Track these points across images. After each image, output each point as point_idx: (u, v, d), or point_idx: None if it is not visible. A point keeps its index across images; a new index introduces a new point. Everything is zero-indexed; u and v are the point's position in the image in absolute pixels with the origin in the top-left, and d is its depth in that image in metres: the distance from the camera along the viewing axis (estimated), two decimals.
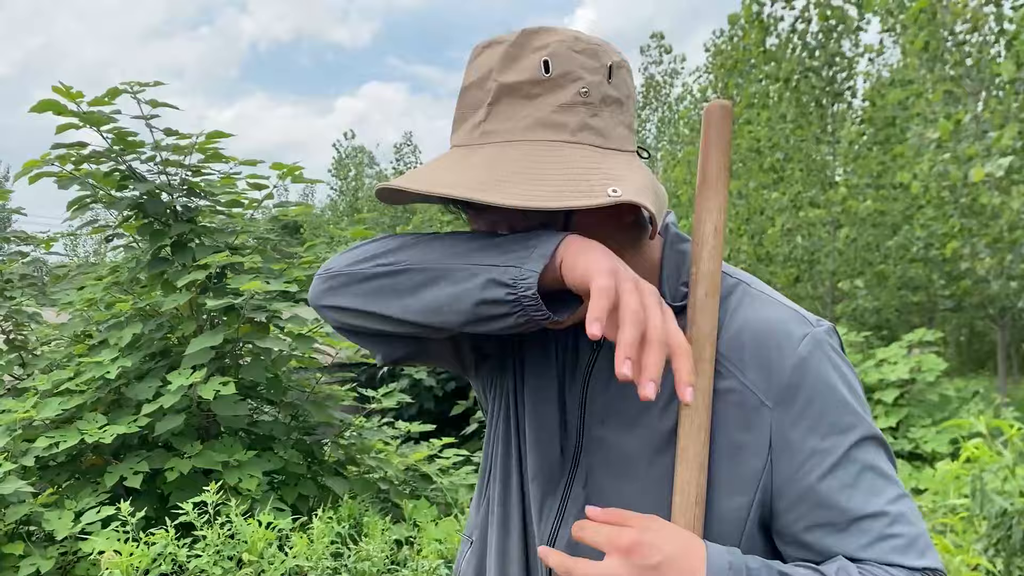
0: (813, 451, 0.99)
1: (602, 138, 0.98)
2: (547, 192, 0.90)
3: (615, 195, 0.89)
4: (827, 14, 11.25)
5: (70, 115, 4.45)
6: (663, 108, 27.39)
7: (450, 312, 0.98)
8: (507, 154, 0.95)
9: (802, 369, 1.00)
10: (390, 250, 1.06)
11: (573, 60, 0.97)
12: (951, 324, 16.93)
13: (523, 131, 0.96)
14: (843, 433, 0.99)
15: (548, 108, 0.96)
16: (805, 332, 1.02)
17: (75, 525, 3.84)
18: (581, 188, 0.91)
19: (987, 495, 3.28)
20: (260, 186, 5.27)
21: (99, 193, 4.79)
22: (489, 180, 0.93)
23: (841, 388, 1.01)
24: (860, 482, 0.98)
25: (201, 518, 3.76)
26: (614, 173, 0.93)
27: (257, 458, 4.65)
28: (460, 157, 0.99)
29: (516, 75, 0.97)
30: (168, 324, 4.87)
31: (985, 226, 8.76)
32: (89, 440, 4.12)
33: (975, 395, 8.23)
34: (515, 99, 0.97)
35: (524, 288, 0.91)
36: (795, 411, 0.99)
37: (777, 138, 11.84)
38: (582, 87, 0.96)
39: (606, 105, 0.99)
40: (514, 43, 0.98)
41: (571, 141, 0.96)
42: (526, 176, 0.92)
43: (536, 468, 1.13)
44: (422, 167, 1.06)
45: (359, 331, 1.11)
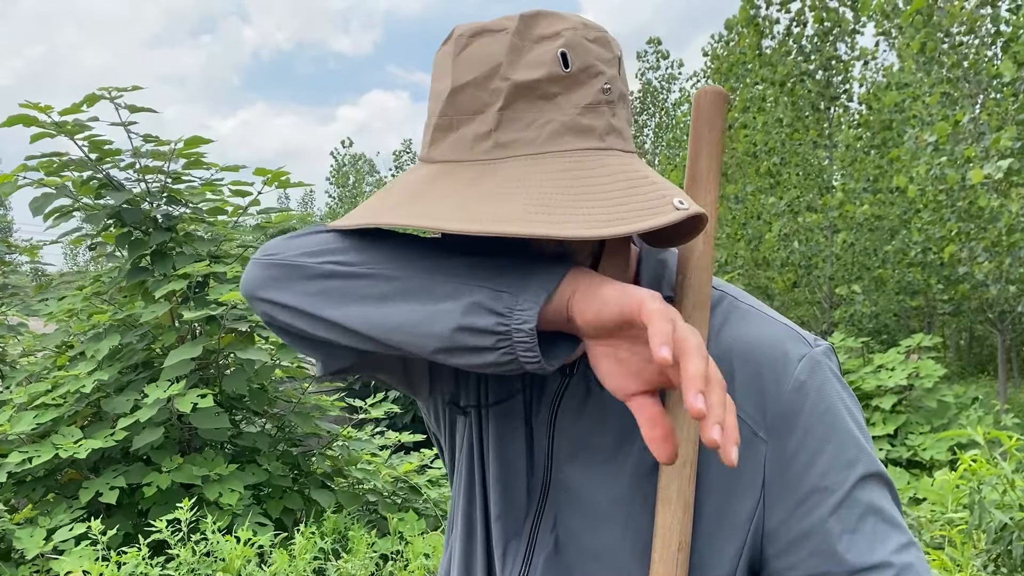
0: (812, 490, 0.86)
1: (623, 140, 0.85)
2: (609, 213, 0.75)
3: (683, 208, 0.76)
4: (823, 17, 11.17)
5: (42, 126, 4.36)
6: (660, 114, 27.33)
7: (417, 334, 0.81)
8: (538, 171, 0.79)
9: (800, 396, 0.87)
10: (353, 246, 0.89)
11: (590, 52, 0.83)
12: (951, 328, 16.82)
13: (548, 140, 0.81)
14: (845, 469, 0.86)
15: (572, 110, 0.81)
16: (802, 353, 0.90)
17: (47, 543, 3.74)
18: (640, 204, 0.76)
19: (985, 509, 3.17)
20: (243, 193, 5.17)
21: (78, 202, 4.70)
22: (533, 206, 0.75)
23: (843, 417, 0.88)
24: (863, 527, 0.85)
25: (176, 535, 3.65)
26: (660, 180, 0.81)
27: (240, 471, 4.55)
28: (471, 178, 0.81)
29: (531, 72, 0.81)
30: (151, 335, 4.78)
31: (983, 229, 8.67)
32: (64, 455, 4.02)
33: (974, 401, 8.12)
34: (531, 100, 0.81)
35: (520, 321, 0.76)
36: (792, 444, 0.87)
37: (773, 142, 11.75)
38: (604, 83, 0.83)
39: (622, 101, 0.86)
40: (517, 31, 0.82)
41: (601, 147, 0.82)
42: (575, 195, 0.77)
43: (500, 508, 1.00)
44: (400, 190, 0.87)
45: (297, 334, 0.94)
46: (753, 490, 0.88)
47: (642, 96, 27.41)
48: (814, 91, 11.20)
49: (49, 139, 4.49)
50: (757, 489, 0.88)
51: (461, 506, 1.07)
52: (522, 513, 0.99)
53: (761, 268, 11.95)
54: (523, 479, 0.99)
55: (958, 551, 3.48)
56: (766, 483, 0.88)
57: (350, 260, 0.87)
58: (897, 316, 13.62)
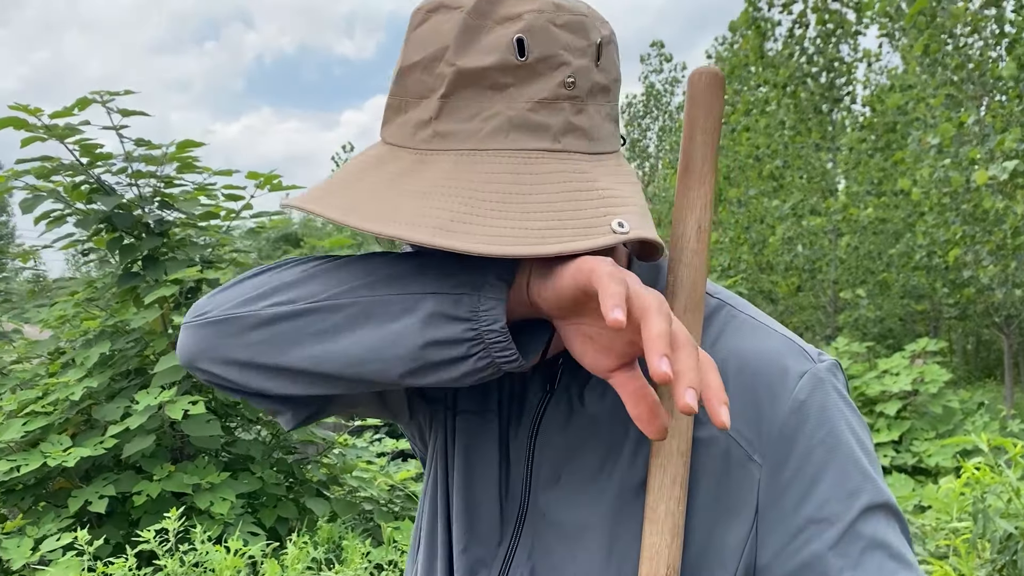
0: (809, 520, 0.78)
1: (588, 141, 0.76)
2: (534, 229, 0.68)
3: (621, 231, 0.69)
4: (824, 18, 11.11)
5: (32, 129, 4.32)
6: (664, 117, 27.29)
7: (381, 361, 0.74)
8: (473, 170, 0.72)
9: (799, 417, 0.79)
10: (289, 283, 0.80)
11: (555, 39, 0.73)
12: (957, 333, 16.68)
13: (491, 135, 0.73)
14: (847, 499, 0.78)
15: (523, 104, 0.73)
16: (804, 369, 0.82)
17: (34, 554, 3.68)
18: (577, 221, 0.69)
19: (990, 518, 3.10)
20: (236, 197, 5.13)
21: (70, 207, 4.65)
22: (458, 213, 0.69)
23: (847, 441, 0.80)
24: (866, 563, 0.76)
25: (164, 545, 3.59)
26: (612, 193, 0.73)
27: (233, 480, 4.49)
28: (405, 168, 0.75)
29: (479, 58, 0.73)
30: (143, 341, 4.73)
31: (988, 232, 8.59)
32: (52, 463, 3.96)
33: (980, 406, 8.03)
34: (479, 90, 0.73)
35: (488, 321, 0.71)
36: (789, 469, 0.79)
37: (776, 145, 11.69)
38: (568, 76, 0.73)
39: (592, 96, 0.76)
40: (474, 9, 0.73)
41: (553, 149, 0.73)
42: (507, 205, 0.70)
43: (468, 538, 0.92)
44: (348, 170, 0.80)
45: (253, 392, 0.85)
46: (746, 516, 0.80)
47: (645, 99, 27.38)
48: (817, 93, 11.15)
49: (40, 143, 4.45)
50: (750, 516, 0.80)
51: (425, 531, 1.00)
52: (494, 541, 0.91)
53: (765, 272, 11.87)
54: (495, 506, 0.92)
55: (963, 561, 3.40)
56: (759, 510, 0.80)
57: (291, 297, 0.79)
58: (903, 320, 13.54)
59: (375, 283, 0.77)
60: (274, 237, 20.50)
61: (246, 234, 5.61)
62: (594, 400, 0.87)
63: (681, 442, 0.79)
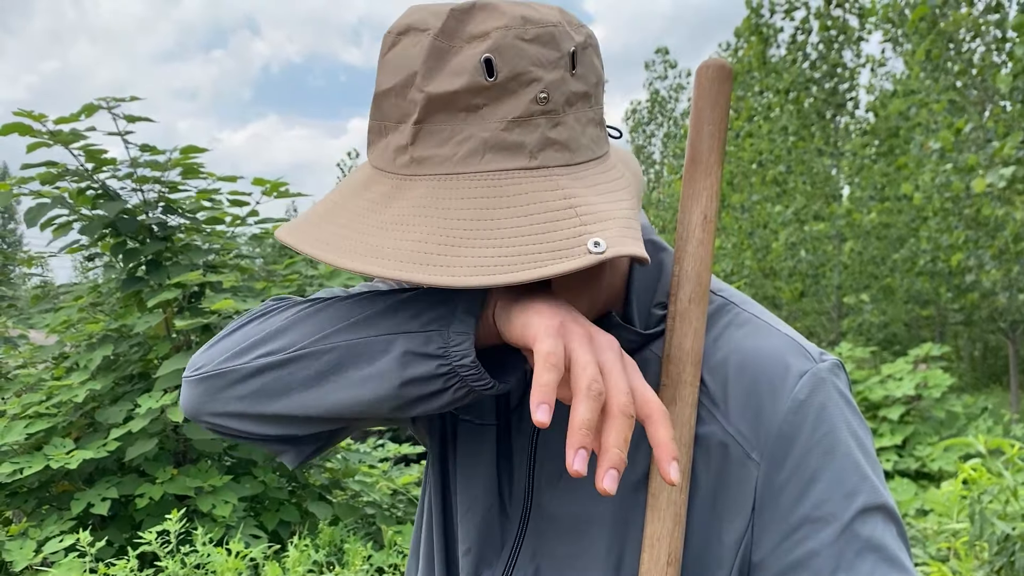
0: (804, 520, 0.78)
1: (568, 152, 0.74)
2: (508, 256, 0.68)
3: (598, 251, 0.67)
4: (827, 24, 11.12)
5: (38, 135, 4.35)
6: (668, 123, 27.32)
7: (368, 403, 0.78)
8: (449, 196, 0.72)
9: (798, 416, 0.79)
10: (273, 332, 0.84)
11: (524, 54, 0.72)
12: (964, 339, 16.61)
13: (465, 159, 0.72)
14: (843, 500, 0.78)
15: (496, 124, 0.72)
16: (804, 369, 0.81)
17: (36, 555, 3.70)
18: (552, 244, 0.68)
19: (987, 519, 3.10)
20: (240, 203, 5.17)
21: (75, 213, 4.69)
22: (432, 244, 0.69)
23: (846, 442, 0.80)
24: (859, 565, 0.76)
25: (167, 547, 3.61)
26: (590, 209, 0.71)
27: (234, 483, 4.51)
28: (386, 194, 0.76)
29: (449, 82, 0.72)
30: (146, 345, 4.76)
31: (991, 237, 8.58)
32: (55, 466, 3.99)
33: (984, 411, 8.01)
34: (452, 113, 0.72)
35: (459, 356, 0.73)
36: (786, 469, 0.79)
37: (779, 150, 11.70)
38: (540, 92, 0.72)
39: (570, 106, 0.75)
40: (442, 31, 0.72)
41: (530, 167, 0.72)
42: (480, 232, 0.69)
43: (471, 540, 0.93)
44: (333, 197, 0.81)
45: (255, 437, 0.88)
46: (743, 514, 0.81)
47: (650, 106, 27.42)
48: (819, 99, 11.15)
49: (46, 148, 4.48)
50: (747, 514, 0.81)
51: (425, 533, 1.02)
52: (497, 542, 0.93)
53: (768, 278, 11.86)
54: (497, 507, 0.93)
55: (962, 563, 3.40)
56: (756, 508, 0.80)
57: (276, 347, 0.83)
58: (908, 326, 13.50)
59: (353, 325, 0.80)
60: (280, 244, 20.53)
61: (251, 240, 5.64)
62: None
63: (684, 432, 0.80)
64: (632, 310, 0.87)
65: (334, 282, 4.96)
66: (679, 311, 0.84)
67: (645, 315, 0.88)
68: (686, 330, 0.83)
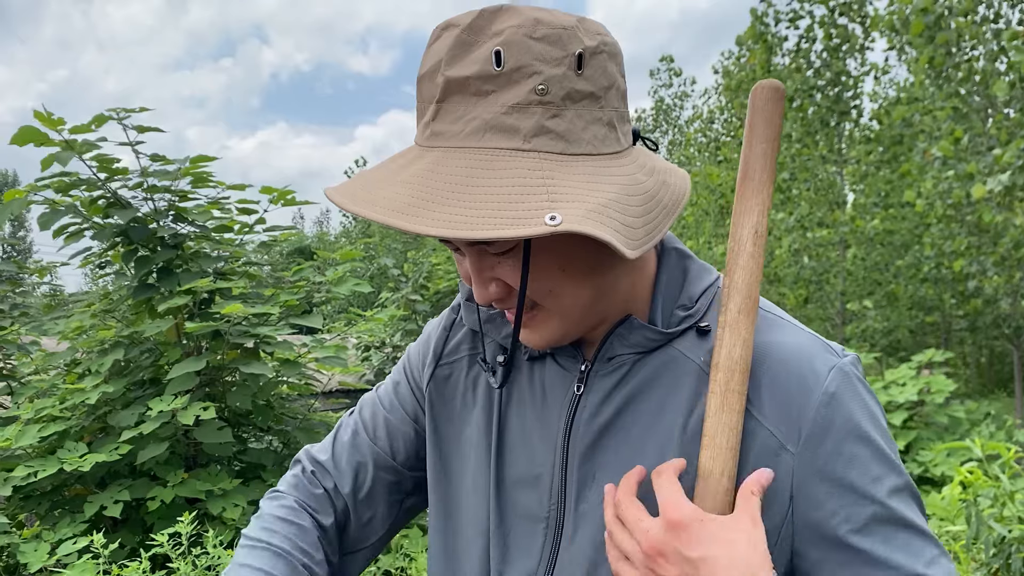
0: (840, 505, 0.85)
1: (564, 143, 0.81)
2: (474, 217, 0.75)
3: (552, 224, 0.72)
4: (831, 33, 11.17)
5: (52, 145, 4.43)
6: (673, 131, 27.37)
7: None
8: (447, 164, 0.80)
9: (830, 409, 0.86)
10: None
11: (529, 50, 0.80)
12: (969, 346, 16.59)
13: (470, 135, 0.81)
14: (874, 483, 0.86)
15: (498, 108, 0.80)
16: (832, 364, 0.89)
17: (50, 557, 3.77)
18: (516, 213, 0.74)
19: (983, 522, 3.15)
20: (249, 211, 5.24)
21: (88, 221, 4.77)
22: (417, 199, 0.77)
23: (872, 431, 0.87)
24: (894, 540, 0.85)
25: (177, 549, 3.67)
26: (564, 191, 0.77)
27: (244, 486, 4.57)
28: (407, 162, 0.85)
29: (465, 68, 0.81)
30: (157, 351, 4.83)
31: (993, 244, 8.61)
32: (68, 469, 4.06)
33: (987, 416, 8.03)
34: (465, 96, 0.81)
35: None
36: (821, 458, 0.86)
37: (782, 157, 11.75)
38: (539, 84, 0.79)
39: (573, 102, 0.81)
40: (469, 27, 0.82)
41: (523, 149, 0.79)
42: (458, 195, 0.77)
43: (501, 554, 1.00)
44: (375, 168, 0.90)
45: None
46: (781, 503, 0.87)
47: (655, 113, 27.48)
48: (823, 106, 11.19)
49: (60, 163, 4.56)
50: (785, 502, 0.87)
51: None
52: (535, 550, 0.98)
53: (772, 284, 11.91)
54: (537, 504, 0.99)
55: (960, 566, 3.45)
56: (794, 496, 0.87)
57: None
58: (913, 333, 13.51)
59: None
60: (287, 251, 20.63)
61: (259, 247, 5.72)
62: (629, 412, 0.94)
63: (731, 438, 0.85)
64: (657, 312, 0.94)
65: (341, 288, 5.04)
66: (728, 321, 0.88)
67: (668, 314, 0.94)
68: (735, 340, 0.87)
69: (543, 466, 0.97)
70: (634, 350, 0.94)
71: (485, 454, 1.03)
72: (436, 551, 1.11)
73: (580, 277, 0.88)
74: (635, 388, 0.93)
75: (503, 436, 1.02)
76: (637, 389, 0.93)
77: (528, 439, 0.99)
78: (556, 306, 0.90)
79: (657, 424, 0.91)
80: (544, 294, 0.89)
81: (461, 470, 1.07)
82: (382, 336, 11.15)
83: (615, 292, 0.93)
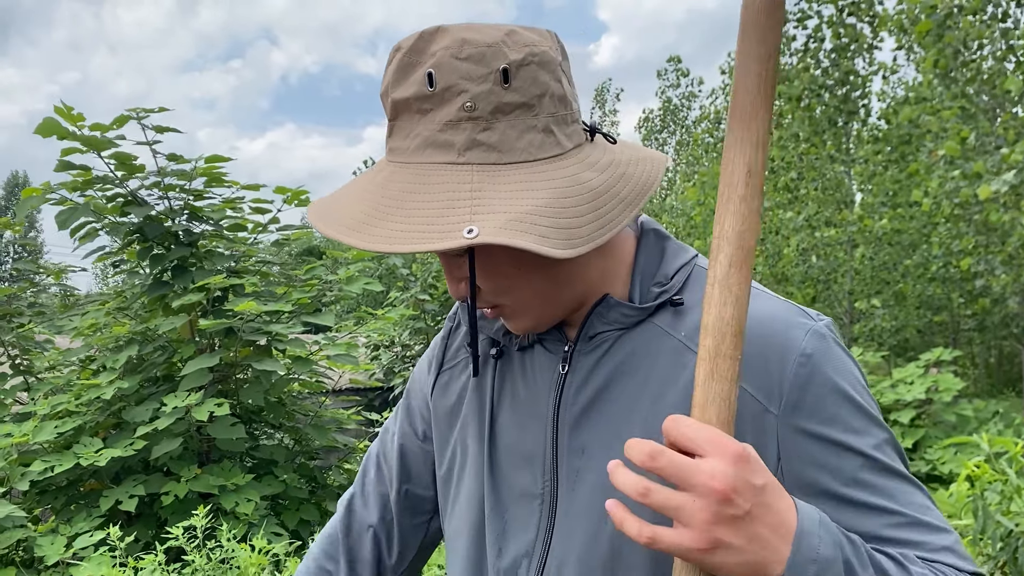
0: (826, 460, 0.89)
1: (497, 153, 0.85)
2: (407, 232, 0.81)
3: (469, 236, 0.78)
4: (840, 32, 11.15)
5: (73, 139, 4.50)
6: (681, 131, 27.35)
7: None
8: (395, 179, 0.87)
9: (808, 369, 0.89)
10: None
11: (456, 70, 0.85)
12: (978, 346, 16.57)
13: (414, 151, 0.87)
14: (857, 437, 0.89)
15: (435, 126, 0.86)
16: (807, 328, 0.92)
17: (67, 551, 3.83)
18: (440, 227, 0.80)
19: (990, 516, 3.17)
20: (262, 210, 5.30)
21: (104, 220, 4.83)
22: (366, 216, 0.85)
23: (851, 388, 0.91)
24: (883, 490, 0.89)
25: (192, 542, 3.73)
26: (489, 202, 0.82)
27: (256, 482, 4.63)
28: (373, 175, 0.91)
29: (406, 90, 0.87)
30: (171, 348, 4.89)
31: (1001, 242, 8.61)
32: (84, 464, 4.11)
33: (995, 415, 8.04)
34: (411, 114, 0.88)
35: None
36: (803, 416, 0.89)
37: (790, 156, 11.75)
38: (466, 101, 0.84)
39: (503, 114, 0.86)
40: (410, 49, 0.88)
41: (457, 162, 0.85)
42: (399, 210, 0.84)
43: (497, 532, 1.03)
44: (353, 181, 0.96)
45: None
46: (770, 465, 0.88)
47: (662, 114, 27.45)
48: (831, 106, 11.19)
49: (79, 155, 4.63)
50: (774, 463, 0.89)
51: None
52: (531, 530, 1.01)
53: (780, 283, 11.93)
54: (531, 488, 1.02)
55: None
56: (781, 456, 0.89)
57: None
58: (921, 332, 13.50)
59: None
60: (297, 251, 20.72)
61: (272, 246, 5.79)
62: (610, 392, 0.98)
63: (723, 410, 0.76)
64: (635, 290, 0.98)
65: (353, 286, 5.09)
66: (718, 277, 0.77)
67: (645, 291, 0.98)
68: (726, 298, 0.76)
69: (535, 445, 1.01)
70: (613, 327, 0.98)
71: (480, 441, 1.07)
72: (449, 547, 1.15)
73: (534, 273, 0.93)
74: (617, 364, 0.97)
75: (497, 422, 1.06)
76: (619, 364, 0.97)
77: (521, 422, 1.03)
78: (517, 300, 0.95)
79: (641, 397, 0.95)
80: (503, 291, 0.94)
81: (462, 465, 1.11)
82: (391, 335, 11.21)
83: (582, 279, 0.97)
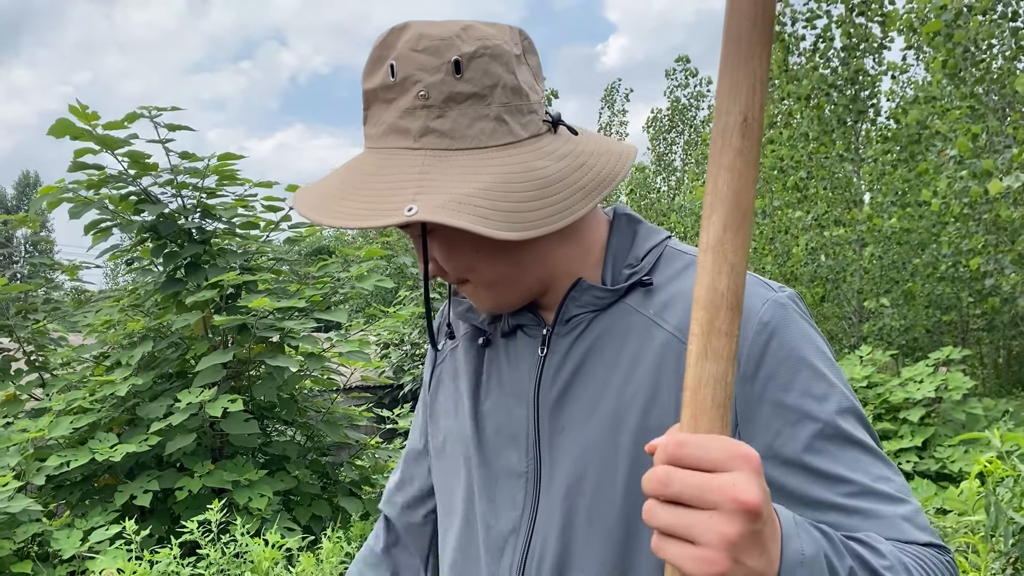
0: (783, 425, 0.88)
1: (449, 139, 0.91)
2: (359, 209, 0.87)
3: (409, 214, 0.83)
4: (850, 32, 11.14)
5: (87, 139, 4.53)
6: (689, 131, 27.31)
7: None
8: (362, 162, 0.94)
9: (765, 335, 0.91)
10: None
11: (412, 62, 0.92)
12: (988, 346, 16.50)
13: (380, 137, 0.94)
14: (818, 403, 0.89)
15: (396, 114, 0.92)
16: (766, 298, 0.93)
17: (83, 544, 3.86)
18: (386, 205, 0.86)
19: (1002, 511, 3.18)
20: (274, 208, 5.33)
21: (118, 218, 4.87)
22: (334, 196, 0.91)
23: (811, 356, 0.91)
24: (841, 456, 0.87)
25: (207, 536, 3.76)
26: (432, 184, 0.87)
27: (269, 478, 4.66)
28: (348, 163, 0.98)
29: (374, 81, 0.94)
30: (184, 344, 4.92)
31: (1011, 242, 8.59)
32: (99, 459, 4.15)
33: (1005, 414, 8.02)
34: (379, 103, 0.94)
35: None
36: (760, 383, 0.90)
37: (799, 156, 11.73)
38: (420, 90, 0.91)
39: (456, 103, 0.91)
40: (381, 44, 0.95)
41: (412, 147, 0.91)
42: (359, 190, 0.90)
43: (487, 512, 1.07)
44: (343, 167, 1.02)
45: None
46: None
47: (671, 114, 27.42)
48: (841, 105, 11.17)
49: (92, 155, 4.66)
50: (732, 431, 0.89)
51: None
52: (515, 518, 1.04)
53: (789, 282, 11.91)
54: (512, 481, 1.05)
55: (980, 558, 3.48)
56: (739, 423, 0.91)
57: None
58: (930, 332, 13.46)
59: None
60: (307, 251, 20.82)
61: (284, 243, 5.83)
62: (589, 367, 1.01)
63: (718, 392, 0.65)
64: (607, 273, 1.02)
65: (365, 284, 5.11)
66: (711, 243, 0.66)
67: (616, 273, 1.02)
68: (720, 266, 0.65)
69: (520, 426, 1.04)
70: (587, 309, 1.01)
71: (470, 424, 1.11)
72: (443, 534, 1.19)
73: (494, 255, 0.97)
74: (591, 344, 1.01)
75: (485, 405, 1.10)
76: (592, 344, 1.01)
77: (506, 404, 1.07)
78: (480, 280, 1.00)
79: (613, 373, 0.98)
80: (466, 270, 0.99)
81: (454, 449, 1.14)
82: (401, 333, 11.24)
83: (546, 263, 1.00)
